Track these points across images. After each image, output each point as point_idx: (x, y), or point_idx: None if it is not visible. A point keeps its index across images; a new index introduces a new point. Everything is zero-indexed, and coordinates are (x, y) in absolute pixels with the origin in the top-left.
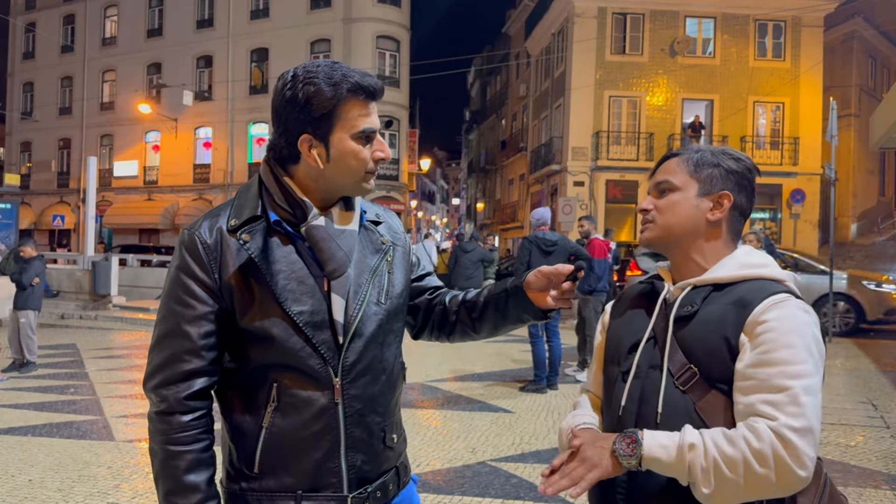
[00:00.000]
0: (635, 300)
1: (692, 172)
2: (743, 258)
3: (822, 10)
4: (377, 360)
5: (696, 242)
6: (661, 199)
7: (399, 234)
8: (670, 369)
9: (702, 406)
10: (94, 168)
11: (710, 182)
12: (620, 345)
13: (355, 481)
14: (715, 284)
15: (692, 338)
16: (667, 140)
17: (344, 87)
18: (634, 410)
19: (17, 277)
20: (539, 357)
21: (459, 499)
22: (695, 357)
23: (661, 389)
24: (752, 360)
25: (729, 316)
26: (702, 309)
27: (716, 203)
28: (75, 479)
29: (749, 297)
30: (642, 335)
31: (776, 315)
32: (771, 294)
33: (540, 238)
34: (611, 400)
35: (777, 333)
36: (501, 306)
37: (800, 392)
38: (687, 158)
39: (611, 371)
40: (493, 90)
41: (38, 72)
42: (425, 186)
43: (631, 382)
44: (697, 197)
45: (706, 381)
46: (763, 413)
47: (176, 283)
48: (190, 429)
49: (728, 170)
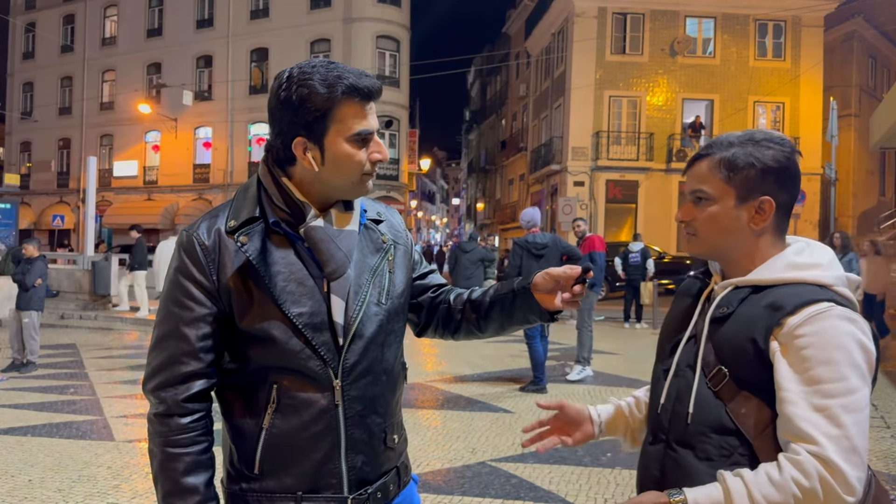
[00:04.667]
0: (686, 296)
1: (726, 179)
2: (791, 258)
3: (822, 10)
4: (377, 360)
5: (741, 248)
6: (699, 209)
7: (401, 232)
8: (703, 369)
9: (732, 408)
10: (93, 168)
11: (747, 187)
12: (664, 342)
13: (355, 482)
14: (756, 286)
15: (724, 338)
16: (667, 140)
17: (338, 88)
18: (671, 409)
19: (21, 278)
20: (537, 357)
21: (459, 499)
22: (725, 358)
23: (694, 389)
24: (789, 376)
25: (760, 318)
26: (737, 310)
27: (757, 210)
28: (75, 479)
29: (782, 301)
30: (685, 333)
31: (815, 329)
32: (809, 302)
33: (530, 242)
34: (654, 398)
35: (815, 350)
36: (508, 306)
37: (840, 411)
38: (719, 161)
39: (657, 368)
40: (493, 90)
41: (37, 72)
42: (425, 186)
43: (670, 381)
44: (736, 207)
45: (735, 383)
46: (804, 435)
47: (174, 285)
48: (188, 431)
49: (765, 168)
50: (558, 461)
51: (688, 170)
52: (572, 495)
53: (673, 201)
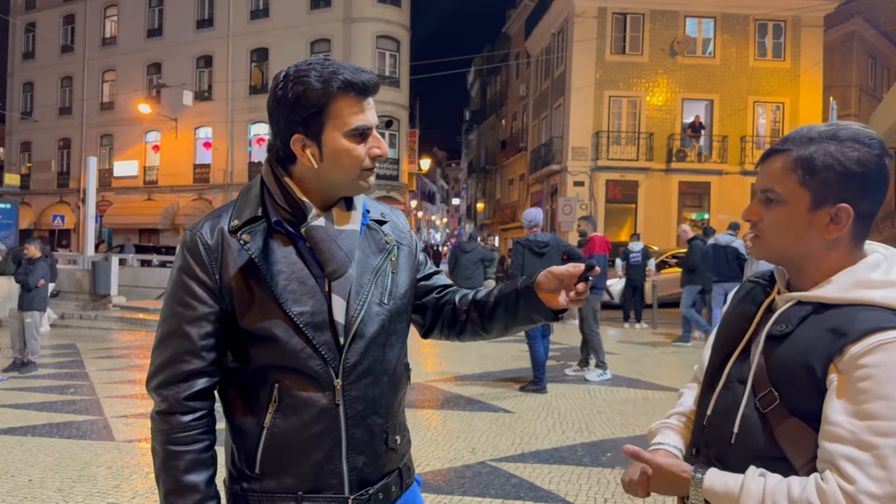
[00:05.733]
0: (745, 301)
1: (802, 181)
2: (862, 273)
3: (822, 10)
4: (379, 361)
5: (810, 257)
6: (768, 210)
7: (405, 233)
8: (753, 388)
9: (779, 432)
10: (93, 168)
11: (824, 191)
12: (718, 349)
13: (356, 483)
14: (820, 303)
15: (779, 359)
16: (667, 140)
17: (334, 84)
18: (717, 423)
19: (23, 278)
20: (538, 357)
21: (459, 499)
22: (777, 381)
23: (741, 409)
24: (841, 408)
25: (820, 344)
26: (797, 330)
27: (833, 217)
28: (75, 479)
29: (847, 328)
30: (739, 342)
31: (879, 360)
32: (877, 329)
33: (532, 240)
34: (701, 408)
35: (874, 382)
36: (512, 306)
37: (889, 453)
38: (796, 159)
39: (707, 376)
40: (493, 90)
41: (38, 72)
42: (425, 186)
43: (718, 393)
44: (810, 212)
45: (787, 408)
46: (843, 471)
47: (177, 283)
48: (190, 429)
49: (847, 172)
50: (558, 461)
51: (761, 164)
52: (572, 495)
53: (673, 201)
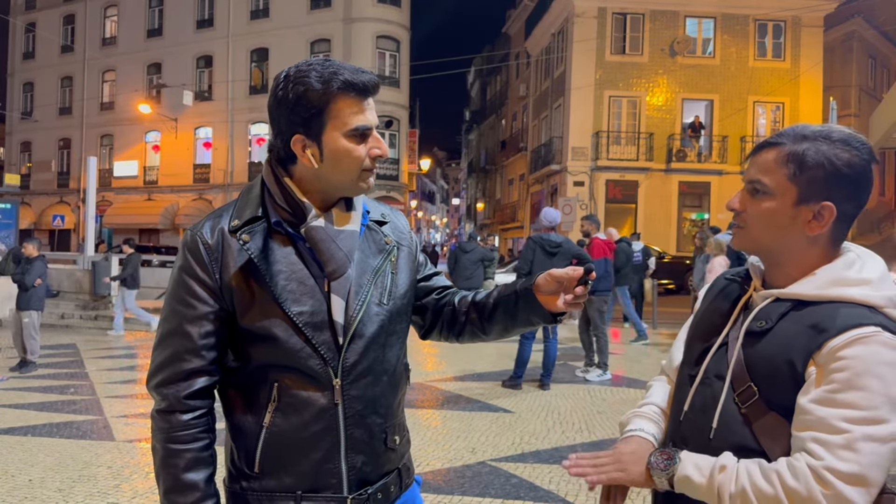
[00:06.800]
0: (720, 297)
1: (791, 176)
2: (839, 271)
3: (822, 10)
4: (378, 361)
5: (790, 252)
6: (753, 201)
7: (405, 234)
8: (732, 384)
9: (758, 427)
10: (94, 168)
11: (811, 188)
12: (694, 345)
13: (355, 482)
14: (798, 300)
15: (759, 355)
16: (666, 140)
17: (334, 84)
18: (694, 419)
19: (20, 278)
20: (523, 355)
21: (459, 499)
22: (757, 376)
23: (720, 404)
24: (816, 397)
25: (800, 339)
26: (776, 326)
27: (816, 215)
28: (75, 479)
29: (827, 324)
30: (716, 339)
31: (857, 353)
32: (856, 325)
33: (545, 239)
34: (677, 403)
35: (851, 374)
36: (511, 308)
37: (859, 438)
38: (789, 154)
39: (682, 372)
40: (493, 90)
41: (38, 72)
42: (425, 186)
43: (696, 389)
44: (794, 206)
45: (766, 403)
46: (811, 451)
47: (178, 283)
48: (190, 427)
49: (836, 172)
50: (558, 461)
51: (752, 156)
52: (572, 495)
53: (673, 201)
